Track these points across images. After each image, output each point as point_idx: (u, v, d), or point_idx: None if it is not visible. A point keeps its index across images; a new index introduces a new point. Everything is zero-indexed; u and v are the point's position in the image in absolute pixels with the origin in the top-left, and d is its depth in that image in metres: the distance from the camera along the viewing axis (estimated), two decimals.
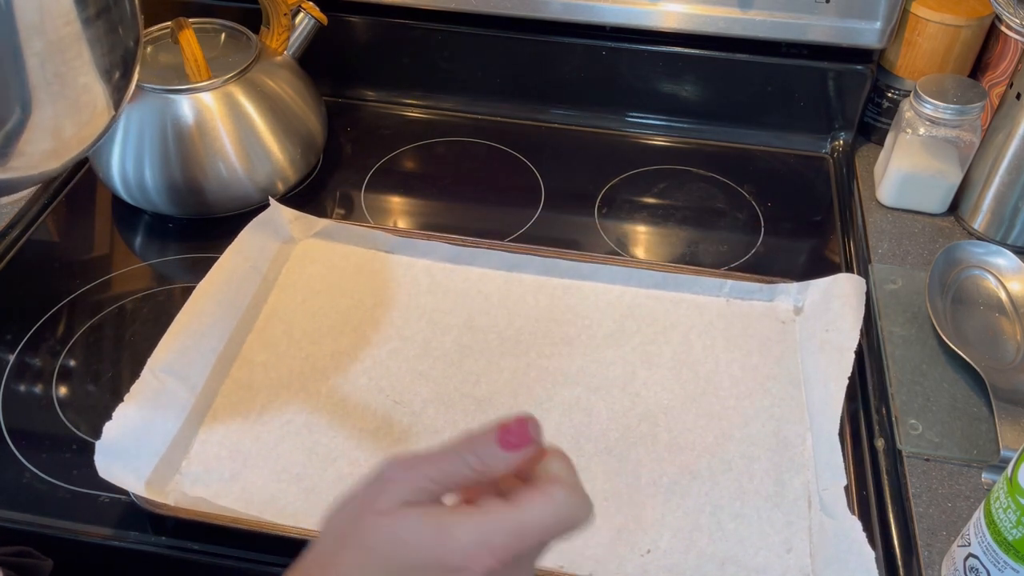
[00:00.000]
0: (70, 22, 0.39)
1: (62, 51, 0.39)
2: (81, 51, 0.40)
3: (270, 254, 0.75)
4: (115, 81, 0.43)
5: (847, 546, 0.54)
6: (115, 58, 0.42)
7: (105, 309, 0.73)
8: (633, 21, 0.87)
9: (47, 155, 0.42)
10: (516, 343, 0.70)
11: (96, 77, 0.41)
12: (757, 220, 0.84)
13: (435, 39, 0.92)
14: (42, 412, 0.66)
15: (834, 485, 0.59)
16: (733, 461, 0.63)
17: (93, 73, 0.41)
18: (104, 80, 0.42)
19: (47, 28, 0.38)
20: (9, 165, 0.40)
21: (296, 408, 0.65)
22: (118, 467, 0.57)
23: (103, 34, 0.41)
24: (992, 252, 0.74)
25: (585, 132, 0.94)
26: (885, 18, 0.82)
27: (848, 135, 0.91)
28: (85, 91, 0.41)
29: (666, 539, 0.58)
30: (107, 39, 0.41)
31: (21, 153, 0.40)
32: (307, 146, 0.84)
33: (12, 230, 0.80)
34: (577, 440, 0.64)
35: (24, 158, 0.40)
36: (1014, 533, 0.48)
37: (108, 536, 0.59)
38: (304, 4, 0.83)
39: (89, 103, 0.42)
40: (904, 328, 0.71)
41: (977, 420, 0.64)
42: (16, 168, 0.40)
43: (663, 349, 0.70)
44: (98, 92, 0.42)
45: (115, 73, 0.43)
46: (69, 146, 0.42)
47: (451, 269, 0.76)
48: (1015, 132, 0.75)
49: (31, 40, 0.37)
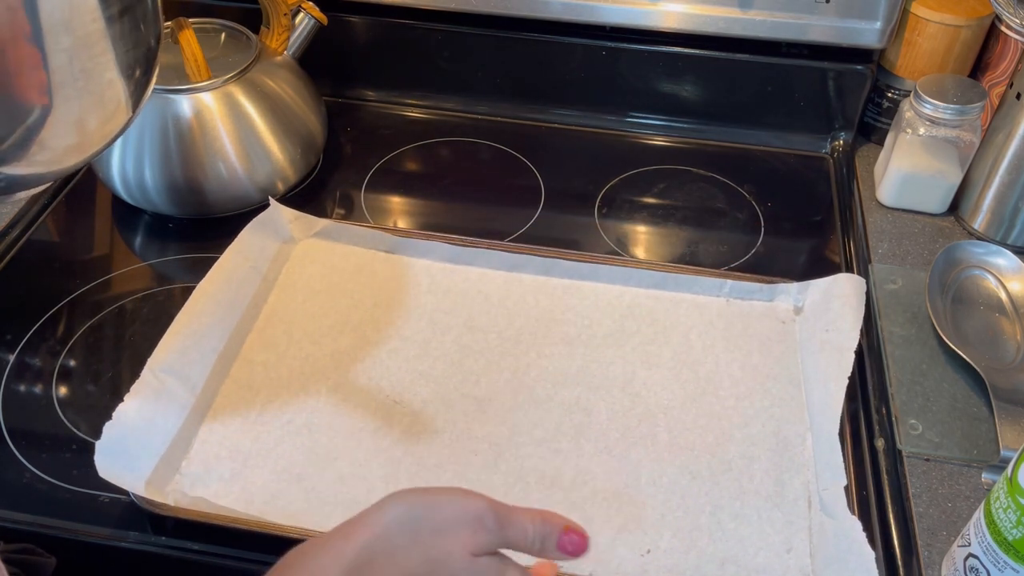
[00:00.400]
0: (96, 19, 0.39)
1: (89, 47, 0.39)
2: (107, 48, 0.40)
3: (270, 254, 0.75)
4: (137, 78, 0.43)
5: (847, 546, 0.54)
6: (138, 55, 0.43)
7: (105, 309, 0.73)
8: (633, 21, 0.87)
9: (71, 150, 0.42)
10: (516, 343, 0.71)
11: (119, 74, 0.42)
12: (757, 220, 0.84)
13: (435, 39, 0.92)
14: (42, 412, 0.66)
15: (834, 485, 0.59)
16: (733, 461, 0.63)
17: (116, 70, 0.42)
18: (126, 77, 0.43)
19: (75, 25, 0.38)
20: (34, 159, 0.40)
21: (296, 408, 0.65)
22: (118, 467, 0.57)
23: (127, 31, 0.41)
24: (992, 252, 0.74)
25: (585, 132, 0.94)
26: (885, 18, 0.82)
27: (848, 135, 0.91)
28: (110, 87, 0.42)
29: (666, 539, 0.58)
30: (131, 36, 0.42)
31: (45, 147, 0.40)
32: (307, 146, 0.84)
33: (12, 230, 0.80)
34: (577, 440, 0.64)
35: (48, 152, 0.41)
36: (1014, 533, 0.48)
37: (108, 536, 0.59)
38: (304, 4, 0.83)
39: (113, 98, 0.42)
40: (904, 328, 0.71)
41: (977, 420, 0.64)
42: (40, 163, 0.41)
43: (663, 349, 0.70)
44: (120, 89, 0.43)
45: (137, 70, 0.43)
46: (92, 141, 0.43)
47: (451, 269, 0.76)
48: (1015, 132, 0.75)
49: (59, 36, 0.38)
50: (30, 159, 0.40)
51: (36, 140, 0.39)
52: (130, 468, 0.58)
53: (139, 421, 0.60)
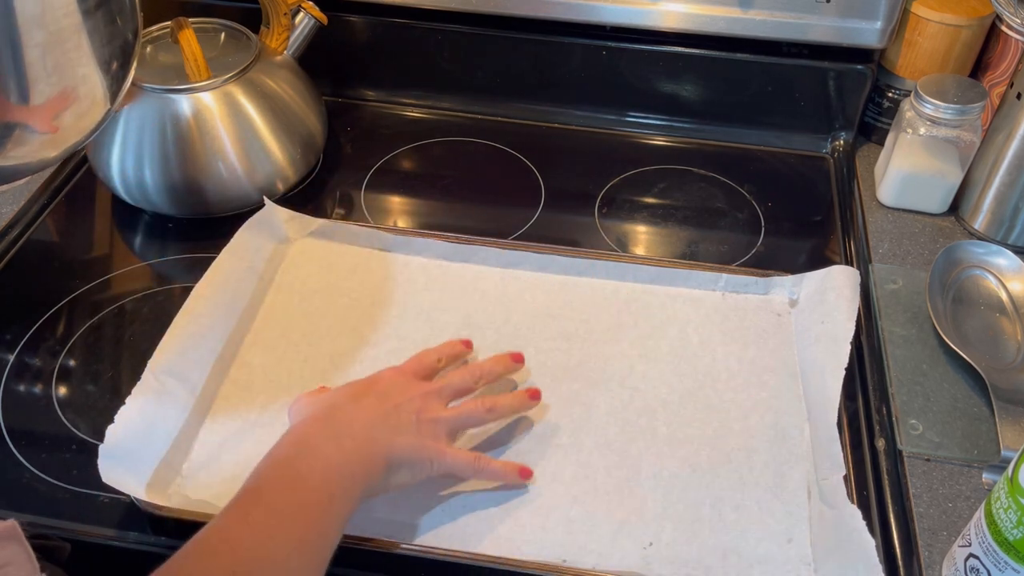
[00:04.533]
0: (69, 13, 0.39)
1: (62, 42, 0.39)
2: (80, 42, 0.40)
3: (266, 254, 0.75)
4: (114, 72, 0.43)
5: (847, 535, 0.54)
6: (114, 49, 0.43)
7: (105, 309, 0.73)
8: (633, 21, 0.87)
9: (45, 144, 0.42)
10: (514, 339, 0.71)
11: (95, 68, 0.42)
12: (757, 220, 0.84)
13: (435, 39, 0.92)
14: (42, 412, 0.66)
15: (833, 475, 0.59)
16: (732, 453, 0.63)
17: (92, 64, 0.42)
18: (103, 71, 0.42)
19: (47, 20, 0.38)
20: (8, 154, 0.40)
21: None
22: (120, 471, 0.57)
23: (102, 25, 0.41)
24: (992, 252, 0.74)
25: (585, 132, 0.94)
26: (886, 18, 0.82)
27: (848, 135, 0.91)
28: (83, 82, 0.42)
29: (668, 532, 0.58)
30: (106, 30, 0.42)
31: (20, 143, 0.40)
32: (307, 146, 0.84)
33: (12, 230, 0.80)
34: (577, 435, 0.64)
35: (23, 147, 0.40)
36: (1015, 533, 0.48)
37: (108, 536, 0.59)
38: (304, 4, 0.83)
39: (87, 94, 0.42)
40: (904, 328, 0.71)
41: (977, 420, 0.64)
42: (14, 157, 0.41)
43: (660, 343, 0.71)
44: (96, 83, 0.42)
45: (113, 64, 0.43)
46: (67, 136, 0.43)
47: (447, 267, 0.76)
48: (1015, 132, 0.75)
49: (31, 32, 0.37)
50: (5, 154, 0.40)
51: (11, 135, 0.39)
52: (132, 472, 0.58)
53: (140, 424, 0.60)
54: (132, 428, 0.59)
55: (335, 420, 0.56)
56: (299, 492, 0.51)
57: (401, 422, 0.57)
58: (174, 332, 0.65)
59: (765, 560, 0.57)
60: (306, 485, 0.51)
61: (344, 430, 0.55)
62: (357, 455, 0.54)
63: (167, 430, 0.61)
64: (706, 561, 0.57)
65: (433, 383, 0.61)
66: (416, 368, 0.62)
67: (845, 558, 0.54)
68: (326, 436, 0.54)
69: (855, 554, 0.53)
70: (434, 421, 0.58)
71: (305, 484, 0.51)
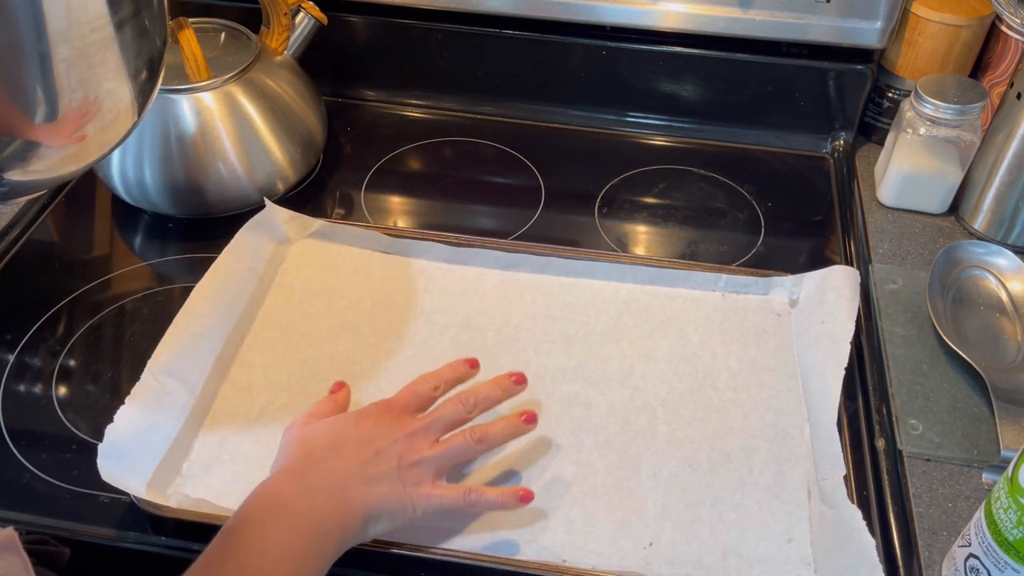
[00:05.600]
0: (96, 28, 0.38)
1: (87, 58, 0.38)
2: (107, 57, 0.39)
3: (266, 255, 0.75)
4: (141, 83, 0.42)
5: (847, 535, 0.54)
6: (141, 61, 0.42)
7: (105, 309, 0.73)
8: (633, 21, 0.87)
9: (67, 159, 0.41)
10: (514, 341, 0.71)
11: (122, 81, 0.41)
12: (757, 220, 0.84)
13: (435, 39, 0.92)
14: (42, 412, 0.66)
15: (833, 475, 0.59)
16: (732, 453, 0.63)
17: (119, 78, 0.41)
18: (130, 83, 0.42)
19: (73, 36, 0.37)
20: (30, 168, 0.40)
21: (296, 410, 0.65)
22: (120, 471, 0.57)
23: (130, 39, 0.40)
24: (992, 252, 0.74)
25: (585, 132, 0.94)
26: (885, 18, 0.82)
27: (848, 135, 0.91)
28: (108, 96, 0.41)
29: (668, 531, 0.58)
30: (134, 43, 0.41)
31: (43, 157, 0.40)
32: (307, 146, 0.84)
33: (12, 230, 0.80)
34: (577, 435, 0.64)
35: (45, 162, 0.40)
36: (1015, 533, 0.48)
37: (108, 536, 0.59)
38: (304, 4, 0.83)
39: (112, 108, 0.41)
40: (904, 328, 0.71)
41: (977, 420, 0.64)
42: (36, 171, 0.40)
43: (660, 343, 0.71)
44: (122, 96, 0.42)
45: (142, 75, 0.42)
46: (89, 150, 0.42)
47: (447, 268, 0.77)
48: (1015, 132, 0.75)
49: (57, 47, 0.37)
50: (27, 168, 0.39)
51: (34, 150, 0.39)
52: (132, 471, 0.58)
53: (140, 424, 0.60)
54: (132, 428, 0.59)
55: (310, 473, 0.54)
56: (267, 559, 0.49)
57: (380, 471, 0.55)
58: (174, 332, 0.65)
59: (765, 560, 0.57)
60: (277, 548, 0.50)
61: (317, 483, 0.53)
62: (331, 512, 0.52)
63: (167, 430, 0.61)
64: (706, 561, 0.57)
65: (422, 419, 0.58)
66: (409, 400, 0.59)
67: (845, 558, 0.54)
68: (299, 492, 0.53)
69: (855, 554, 0.53)
70: (417, 464, 0.56)
71: (276, 547, 0.50)
